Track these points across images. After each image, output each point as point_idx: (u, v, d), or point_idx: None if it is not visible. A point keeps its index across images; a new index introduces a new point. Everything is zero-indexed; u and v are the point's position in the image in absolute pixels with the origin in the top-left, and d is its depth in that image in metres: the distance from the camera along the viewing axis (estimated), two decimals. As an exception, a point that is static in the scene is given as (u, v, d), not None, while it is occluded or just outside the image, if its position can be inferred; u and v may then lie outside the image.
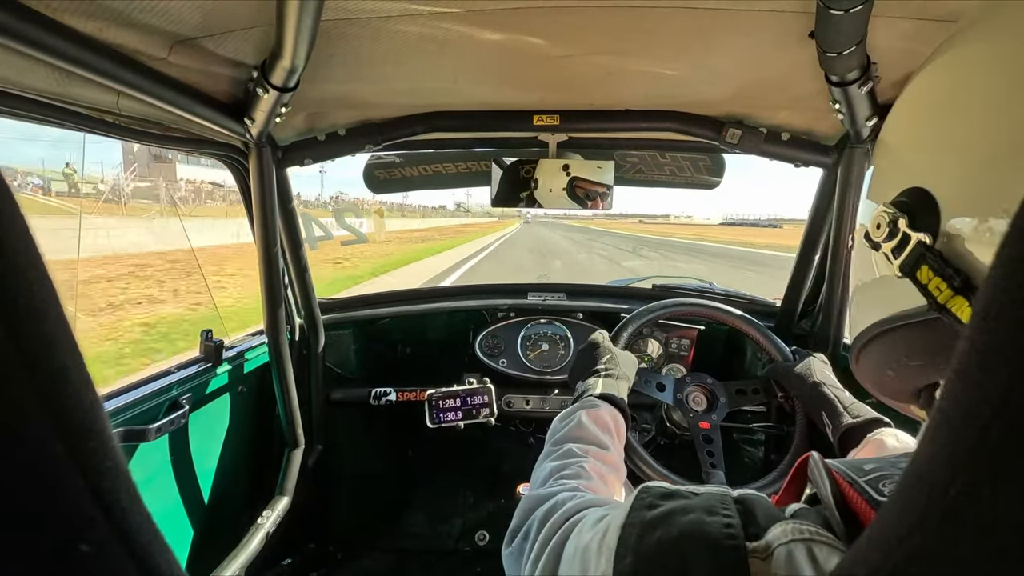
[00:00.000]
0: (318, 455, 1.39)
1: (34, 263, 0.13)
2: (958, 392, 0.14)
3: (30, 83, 0.63)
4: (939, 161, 0.31)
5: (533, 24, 0.72)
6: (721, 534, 0.24)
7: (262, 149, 1.05)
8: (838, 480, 0.27)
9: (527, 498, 0.49)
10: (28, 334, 0.13)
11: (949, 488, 0.14)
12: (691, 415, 0.98)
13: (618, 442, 0.65)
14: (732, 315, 1.04)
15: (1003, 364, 0.13)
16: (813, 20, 0.64)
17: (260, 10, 0.64)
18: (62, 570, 0.13)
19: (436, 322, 1.58)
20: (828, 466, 0.29)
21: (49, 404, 0.13)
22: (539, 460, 0.60)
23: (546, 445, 0.63)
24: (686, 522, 0.26)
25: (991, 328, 0.13)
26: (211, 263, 10.06)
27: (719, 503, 0.27)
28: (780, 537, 0.23)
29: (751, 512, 0.26)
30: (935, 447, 0.15)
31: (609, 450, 0.61)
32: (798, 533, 0.23)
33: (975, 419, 0.13)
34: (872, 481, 0.27)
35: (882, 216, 0.32)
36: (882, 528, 0.17)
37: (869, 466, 0.28)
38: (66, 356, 0.13)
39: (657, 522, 0.27)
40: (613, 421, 0.67)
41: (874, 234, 0.33)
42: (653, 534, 0.26)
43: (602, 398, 0.71)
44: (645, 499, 0.29)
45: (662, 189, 1.71)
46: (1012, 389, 0.13)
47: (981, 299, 0.14)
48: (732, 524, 0.25)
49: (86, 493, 0.14)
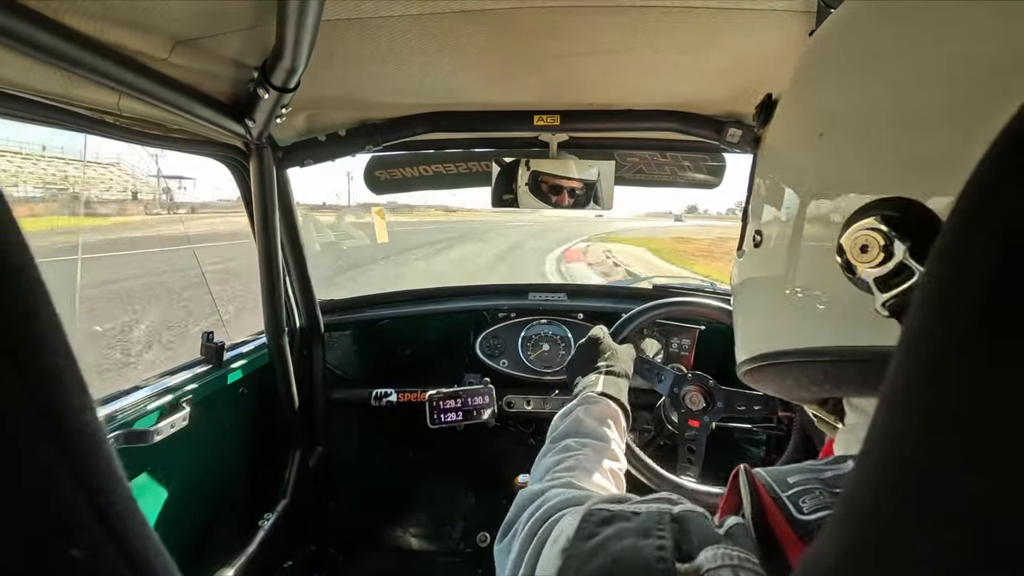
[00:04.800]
0: (319, 456, 1.39)
1: (26, 265, 0.13)
2: (885, 419, 0.14)
3: (31, 84, 0.63)
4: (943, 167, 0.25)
5: (533, 24, 0.72)
6: (653, 557, 0.24)
7: (263, 150, 1.05)
8: (761, 493, 0.27)
9: (521, 494, 0.49)
10: (19, 336, 0.12)
11: (875, 519, 0.13)
12: (683, 411, 0.97)
13: (619, 438, 0.64)
14: (727, 312, 1.04)
15: (927, 388, 0.13)
16: (814, 20, 0.64)
17: (261, 10, 0.64)
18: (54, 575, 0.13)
19: (436, 323, 1.57)
20: (754, 479, 0.29)
21: (40, 407, 0.13)
22: (538, 457, 0.60)
23: (546, 442, 0.63)
24: (620, 548, 0.26)
25: (917, 352, 0.13)
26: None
27: (655, 524, 0.27)
28: (711, 561, 0.23)
29: (686, 531, 0.26)
30: (865, 473, 0.14)
31: (609, 443, 0.60)
32: (727, 559, 0.23)
33: (899, 446, 0.13)
34: (793, 496, 0.27)
35: (871, 238, 0.25)
36: (813, 560, 0.16)
37: (793, 479, 0.28)
38: (58, 358, 0.13)
39: (595, 551, 0.27)
40: (613, 417, 0.67)
41: (855, 256, 0.26)
42: (590, 564, 0.26)
43: (603, 396, 0.71)
44: (586, 528, 0.29)
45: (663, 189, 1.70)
46: (936, 415, 0.12)
47: (908, 322, 0.14)
48: (664, 547, 0.25)
49: (79, 497, 0.13)
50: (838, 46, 0.33)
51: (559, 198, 1.19)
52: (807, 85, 0.36)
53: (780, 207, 0.35)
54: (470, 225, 28.17)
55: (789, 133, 0.37)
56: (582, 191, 1.20)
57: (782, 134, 0.37)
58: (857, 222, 0.26)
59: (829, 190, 0.30)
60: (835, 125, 0.31)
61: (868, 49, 0.30)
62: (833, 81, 0.33)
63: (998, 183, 0.12)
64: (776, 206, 0.36)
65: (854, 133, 0.30)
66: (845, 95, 0.31)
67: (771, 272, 0.36)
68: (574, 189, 1.20)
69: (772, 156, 0.38)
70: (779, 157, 0.37)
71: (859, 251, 0.26)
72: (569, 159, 1.21)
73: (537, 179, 1.19)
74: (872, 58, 0.30)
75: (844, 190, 0.29)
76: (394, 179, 1.35)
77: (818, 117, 0.33)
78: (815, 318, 0.31)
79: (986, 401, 0.12)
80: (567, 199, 1.20)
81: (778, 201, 0.35)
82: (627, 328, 0.99)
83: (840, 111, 0.31)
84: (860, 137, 0.29)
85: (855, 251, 0.26)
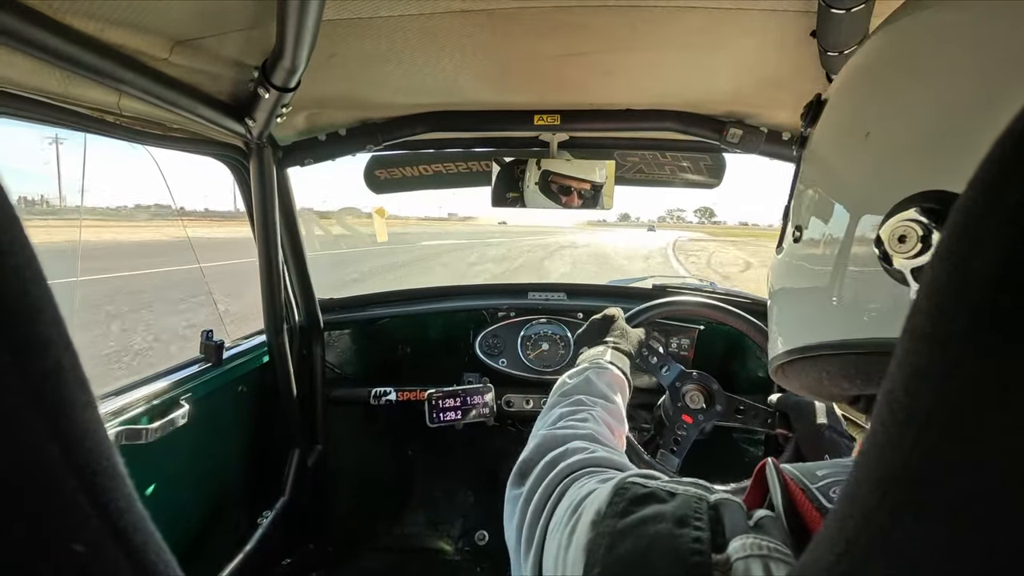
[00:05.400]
0: (318, 455, 1.39)
1: (29, 263, 0.13)
2: (885, 416, 0.14)
3: (32, 84, 0.63)
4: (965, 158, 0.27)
5: (533, 24, 0.72)
6: (688, 549, 0.24)
7: (263, 149, 1.05)
8: (790, 486, 0.27)
9: (542, 435, 0.48)
10: (22, 334, 0.13)
11: (876, 513, 0.14)
12: (679, 404, 0.97)
13: (622, 402, 0.66)
14: (752, 324, 1.02)
15: (927, 388, 0.13)
16: (814, 19, 0.64)
17: (261, 10, 0.64)
18: (56, 570, 0.13)
19: (436, 322, 1.58)
20: (781, 472, 0.29)
21: (43, 404, 0.13)
22: (545, 408, 0.61)
23: (552, 396, 0.64)
24: (655, 533, 0.26)
25: (917, 350, 0.13)
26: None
27: (693, 512, 0.26)
28: (740, 551, 0.23)
29: (720, 521, 0.26)
30: (866, 470, 0.15)
31: (616, 404, 0.61)
32: (757, 548, 0.23)
33: (900, 443, 0.13)
34: (824, 488, 0.27)
35: (910, 228, 0.26)
36: (816, 552, 0.16)
37: (822, 471, 0.28)
38: (61, 356, 0.13)
39: (628, 531, 0.27)
40: (620, 385, 0.68)
41: (893, 246, 0.27)
42: (623, 544, 0.26)
43: (612, 365, 0.72)
44: (619, 504, 0.29)
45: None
46: (933, 413, 0.13)
47: (910, 320, 0.14)
48: (701, 538, 0.25)
49: (81, 493, 0.14)
50: (887, 54, 0.35)
51: (569, 199, 1.19)
52: (855, 88, 0.37)
53: (822, 203, 0.36)
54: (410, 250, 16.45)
55: (835, 132, 0.38)
56: (590, 193, 1.20)
57: (829, 134, 0.39)
58: (897, 214, 0.27)
59: (872, 186, 0.31)
60: (882, 125, 0.32)
61: (914, 56, 0.32)
62: (881, 84, 0.34)
63: (1000, 183, 0.12)
64: (818, 202, 0.37)
65: (899, 132, 0.31)
66: (892, 97, 0.32)
67: (809, 265, 0.37)
68: (583, 191, 1.20)
69: (818, 155, 0.40)
70: (824, 156, 0.39)
71: (897, 241, 0.27)
72: (578, 160, 1.21)
73: (548, 179, 1.18)
74: (917, 63, 0.31)
75: (887, 186, 0.30)
76: (394, 179, 1.35)
77: (865, 118, 0.34)
78: (850, 310, 0.32)
79: (988, 399, 0.12)
80: (576, 200, 1.20)
81: (820, 197, 0.37)
82: (643, 316, 1.00)
83: (887, 112, 0.32)
84: (905, 135, 0.30)
85: (893, 241, 0.27)
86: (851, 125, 0.36)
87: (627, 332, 0.85)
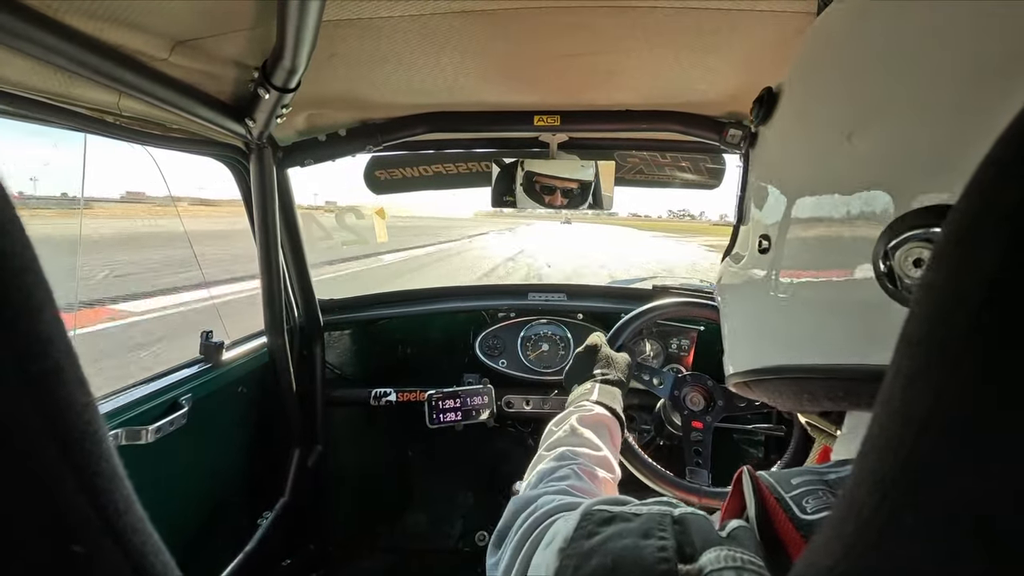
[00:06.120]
0: (318, 455, 1.39)
1: (30, 265, 0.13)
2: (883, 419, 0.14)
3: (32, 84, 0.63)
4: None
5: (533, 24, 0.72)
6: (654, 558, 0.24)
7: (263, 150, 1.05)
8: (764, 495, 0.27)
9: (514, 500, 0.48)
10: (22, 335, 0.13)
11: (875, 515, 0.14)
12: (685, 412, 0.97)
13: (613, 447, 0.64)
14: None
15: (926, 389, 0.13)
16: (814, 20, 0.64)
17: (261, 10, 0.64)
18: (56, 572, 0.13)
19: (436, 322, 1.58)
20: (757, 480, 0.28)
21: (43, 405, 0.13)
22: (532, 464, 0.60)
23: (540, 449, 0.63)
24: (620, 547, 0.26)
25: (914, 354, 0.13)
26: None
27: (656, 525, 0.26)
28: (714, 563, 0.23)
29: (687, 533, 0.26)
30: (865, 472, 0.14)
31: (602, 451, 0.60)
32: (731, 561, 0.23)
33: (898, 447, 0.13)
34: (797, 497, 0.26)
35: (922, 250, 0.24)
36: (813, 555, 0.16)
37: (796, 480, 0.28)
38: (60, 357, 0.13)
39: (594, 550, 0.27)
40: (608, 425, 0.67)
41: (905, 269, 0.24)
42: (589, 564, 0.26)
43: (598, 404, 0.71)
44: (586, 527, 0.29)
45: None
46: (932, 414, 0.13)
47: (907, 323, 0.14)
48: (666, 547, 0.25)
49: (80, 494, 0.14)
50: (859, 39, 0.30)
51: (551, 198, 1.20)
52: (827, 79, 0.33)
53: (796, 211, 0.33)
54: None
55: (808, 133, 0.34)
56: (577, 191, 1.20)
57: (799, 133, 0.35)
58: (906, 233, 0.25)
59: (862, 194, 0.28)
60: (866, 124, 0.28)
61: (891, 41, 0.28)
62: (860, 76, 0.30)
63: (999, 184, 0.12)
64: (790, 210, 0.33)
65: (891, 134, 0.27)
66: (875, 90, 0.28)
67: (786, 279, 0.33)
68: (569, 189, 1.20)
69: (786, 156, 0.36)
70: (796, 158, 0.34)
71: (912, 265, 0.24)
72: (566, 159, 1.21)
73: (531, 179, 1.19)
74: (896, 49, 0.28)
75: (880, 194, 0.27)
76: (394, 179, 1.35)
77: (844, 116, 0.30)
78: (841, 333, 0.29)
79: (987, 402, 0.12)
80: (560, 199, 1.20)
81: (793, 204, 0.33)
82: (623, 334, 1.00)
83: (870, 109, 0.28)
84: (899, 138, 0.27)
85: (905, 264, 0.25)
86: (824, 124, 0.32)
87: (613, 359, 0.84)
